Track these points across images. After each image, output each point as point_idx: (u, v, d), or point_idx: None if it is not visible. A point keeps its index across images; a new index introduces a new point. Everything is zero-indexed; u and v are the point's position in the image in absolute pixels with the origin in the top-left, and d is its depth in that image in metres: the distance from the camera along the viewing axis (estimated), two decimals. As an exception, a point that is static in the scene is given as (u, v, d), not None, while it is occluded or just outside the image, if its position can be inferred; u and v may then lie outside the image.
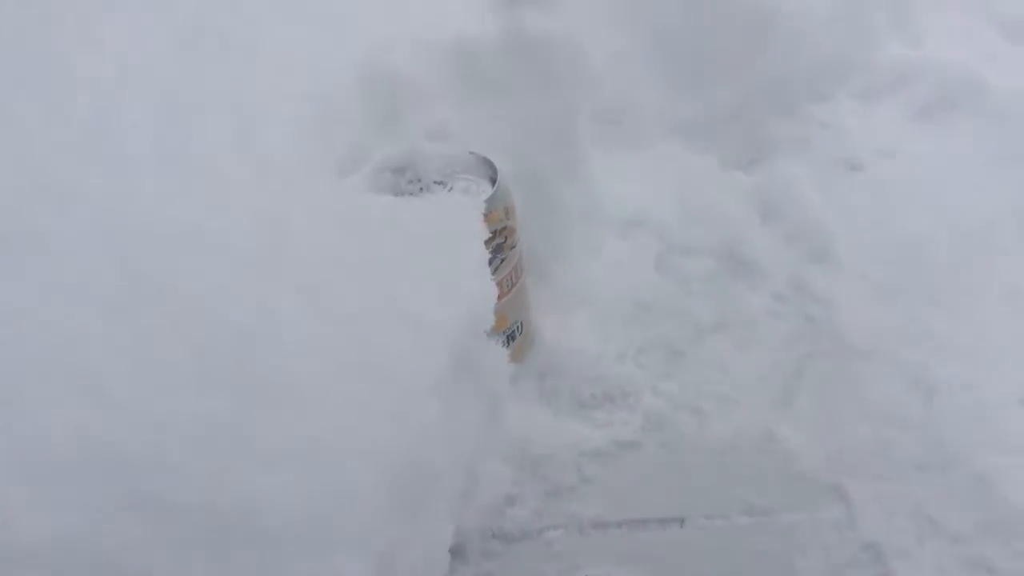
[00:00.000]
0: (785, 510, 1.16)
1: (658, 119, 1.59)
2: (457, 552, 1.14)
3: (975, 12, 2.04)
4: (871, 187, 1.59)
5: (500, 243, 1.19)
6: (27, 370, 0.92)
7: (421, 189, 1.18)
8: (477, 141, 1.29)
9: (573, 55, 1.37)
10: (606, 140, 1.53)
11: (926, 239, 1.48)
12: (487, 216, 1.14)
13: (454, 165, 1.21)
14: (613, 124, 1.55)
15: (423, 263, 1.04)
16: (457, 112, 1.33)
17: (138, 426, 0.89)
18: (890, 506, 1.14)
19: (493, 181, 1.19)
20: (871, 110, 1.77)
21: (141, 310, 0.98)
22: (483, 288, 1.04)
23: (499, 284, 1.20)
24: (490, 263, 1.17)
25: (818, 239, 1.46)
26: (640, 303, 1.39)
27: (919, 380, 1.26)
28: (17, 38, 1.36)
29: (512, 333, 1.26)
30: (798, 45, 1.68)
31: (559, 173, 1.39)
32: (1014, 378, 1.27)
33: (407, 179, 1.20)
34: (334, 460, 0.85)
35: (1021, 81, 1.80)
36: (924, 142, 1.70)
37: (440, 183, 1.19)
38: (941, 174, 1.62)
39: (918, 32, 1.91)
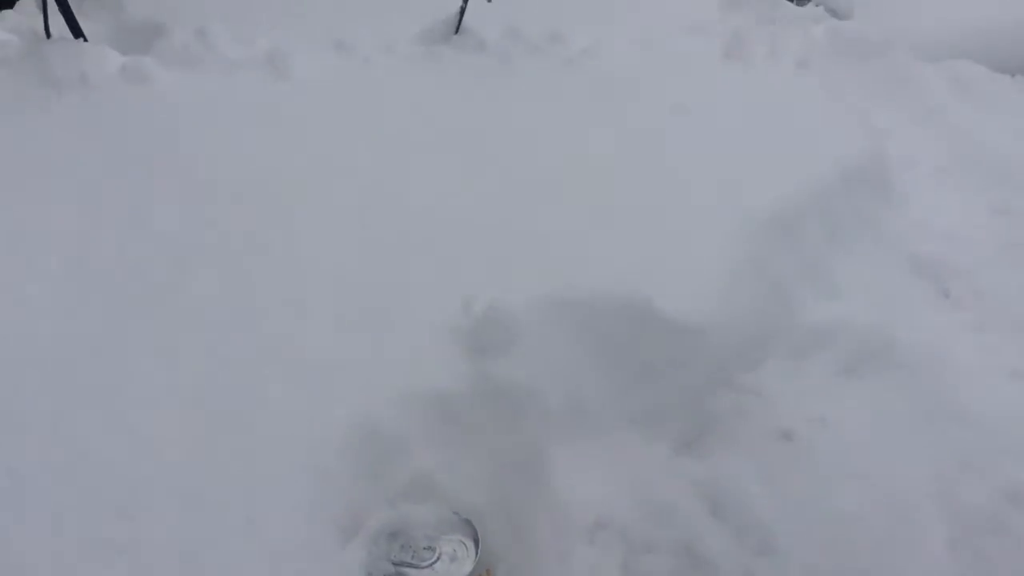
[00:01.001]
0: None
1: (613, 411, 1.78)
2: None
3: (888, 253, 2.28)
4: (804, 460, 1.79)
5: (486, 601, 1.36)
6: None
7: (413, 555, 1.35)
8: (455, 480, 1.47)
9: (534, 394, 1.56)
10: (569, 434, 1.72)
11: (856, 517, 1.67)
12: (474, 583, 1.32)
13: (441, 527, 1.38)
14: (574, 417, 1.74)
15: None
16: (436, 455, 1.51)
17: None
18: None
19: (476, 541, 1.36)
20: (798, 371, 1.98)
21: None
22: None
23: (486, 635, 1.37)
24: (478, 619, 1.34)
25: (762, 532, 1.64)
26: (611, 612, 1.55)
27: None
28: (47, 418, 1.52)
29: (499, 668, 1.41)
30: (728, 324, 1.89)
31: (529, 493, 1.57)
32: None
33: (400, 545, 1.37)
34: None
35: (929, 335, 2.03)
36: (848, 402, 1.90)
37: (429, 548, 1.36)
38: (865, 439, 1.82)
39: (834, 287, 2.14)
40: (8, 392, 1.57)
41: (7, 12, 3.65)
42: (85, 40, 3.02)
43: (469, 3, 3.06)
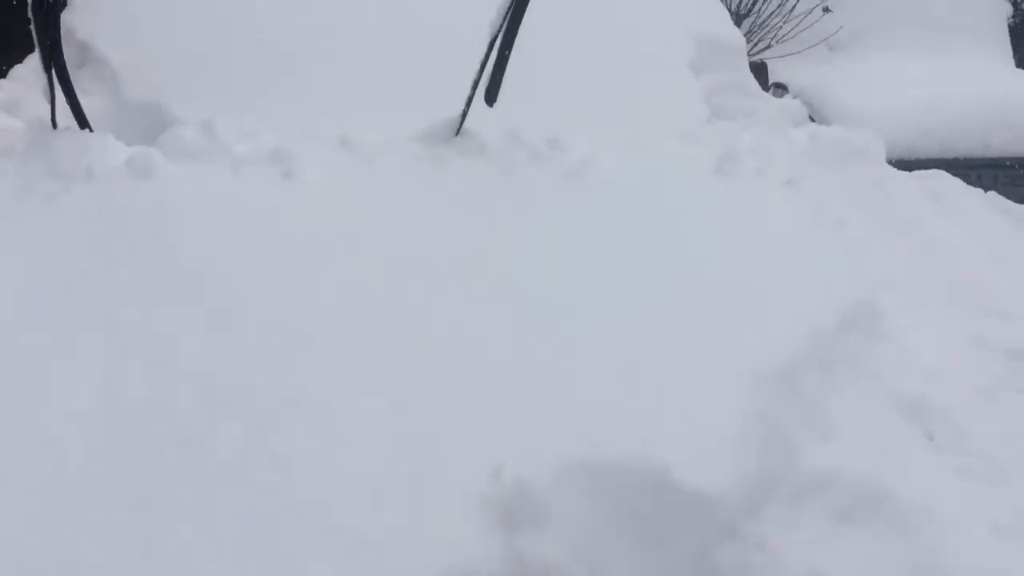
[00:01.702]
0: None
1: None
2: None
3: (876, 394, 2.40)
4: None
5: None
6: None
7: None
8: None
9: (563, 568, 1.65)
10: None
11: None
12: None
13: None
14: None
15: None
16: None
17: None
18: None
19: None
20: (798, 519, 2.08)
21: None
22: None
23: None
24: None
25: None
26: None
27: None
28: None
29: None
30: (737, 480, 1.99)
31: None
32: None
33: None
34: None
35: (915, 483, 2.16)
36: (844, 555, 2.01)
37: None
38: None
39: (829, 431, 2.25)
40: (45, 550, 1.62)
41: (1, 82, 3.64)
42: (91, 130, 3.04)
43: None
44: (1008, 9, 8.88)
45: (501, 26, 2.88)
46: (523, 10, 2.82)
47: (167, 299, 2.26)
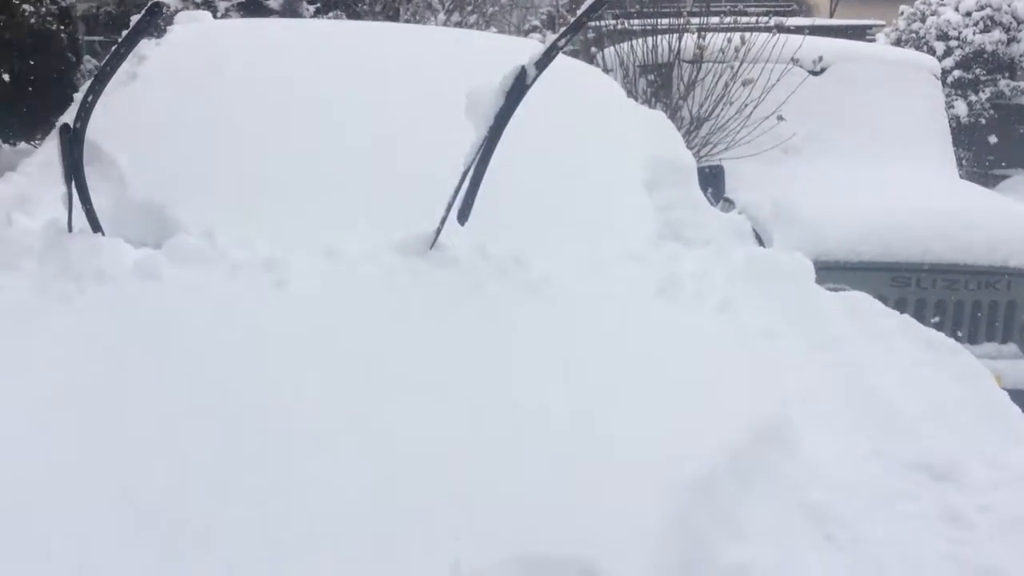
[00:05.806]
0: None
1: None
2: None
3: (785, 501, 2.77)
4: None
5: None
6: None
7: None
8: None
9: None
10: None
11: None
12: None
13: None
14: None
15: None
16: None
17: None
18: None
19: None
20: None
21: None
22: None
23: None
24: None
25: None
26: None
27: None
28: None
29: None
30: (647, 560, 2.34)
31: None
32: None
33: None
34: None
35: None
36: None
37: None
38: None
39: (741, 532, 2.61)
40: None
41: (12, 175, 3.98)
42: (103, 234, 3.40)
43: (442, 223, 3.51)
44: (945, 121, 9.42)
45: (474, 158, 3.29)
46: (493, 149, 3.24)
47: (171, 398, 2.61)
